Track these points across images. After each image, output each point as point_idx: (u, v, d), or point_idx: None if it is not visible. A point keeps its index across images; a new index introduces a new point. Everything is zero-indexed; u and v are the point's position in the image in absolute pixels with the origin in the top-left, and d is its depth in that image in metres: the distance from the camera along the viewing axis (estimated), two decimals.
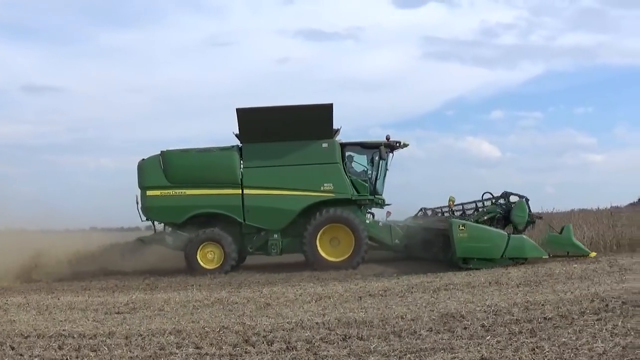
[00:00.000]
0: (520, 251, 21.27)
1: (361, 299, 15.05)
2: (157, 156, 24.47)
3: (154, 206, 24.06)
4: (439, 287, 16.24)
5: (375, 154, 25.03)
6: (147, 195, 24.06)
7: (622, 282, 15.29)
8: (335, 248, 23.99)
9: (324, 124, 24.19)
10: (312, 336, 10.57)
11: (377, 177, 25.19)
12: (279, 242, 24.33)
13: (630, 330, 9.71)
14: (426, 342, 9.85)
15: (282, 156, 24.26)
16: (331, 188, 24.08)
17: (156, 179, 24.07)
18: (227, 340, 10.62)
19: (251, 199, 24.06)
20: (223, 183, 24.11)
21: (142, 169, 24.40)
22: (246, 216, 24.04)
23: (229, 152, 24.57)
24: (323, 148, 24.25)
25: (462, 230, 21.16)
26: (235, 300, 15.58)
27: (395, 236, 25.26)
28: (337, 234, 24.02)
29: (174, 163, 24.29)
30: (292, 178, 24.14)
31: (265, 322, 12.19)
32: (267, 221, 24.18)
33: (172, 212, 24.02)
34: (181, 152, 24.87)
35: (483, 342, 9.58)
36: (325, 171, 24.22)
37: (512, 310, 12.23)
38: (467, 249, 21.11)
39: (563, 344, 9.17)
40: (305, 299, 15.37)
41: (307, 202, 24.11)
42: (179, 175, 24.09)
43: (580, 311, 11.63)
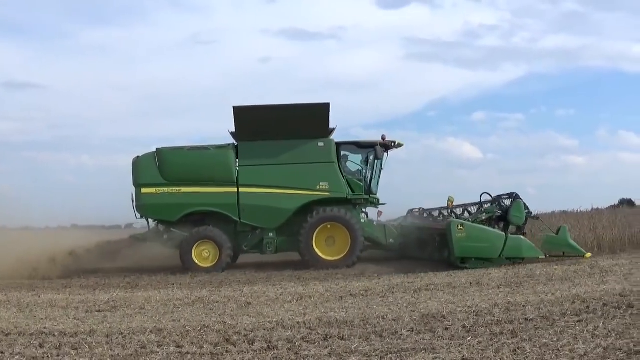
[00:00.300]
0: (517, 251, 21.53)
1: (342, 298, 15.03)
2: (152, 153, 24.36)
3: (149, 204, 23.95)
4: (420, 288, 16.23)
5: (371, 153, 25.22)
6: (142, 192, 23.92)
7: (603, 284, 15.32)
8: (330, 247, 24.02)
9: (321, 123, 24.24)
10: (293, 336, 10.54)
11: (372, 176, 25.35)
12: (274, 241, 24.32)
13: (611, 331, 9.71)
14: (407, 342, 9.83)
15: (278, 155, 24.31)
16: (327, 187, 24.17)
17: (151, 176, 23.96)
18: (208, 339, 10.57)
19: (247, 197, 24.05)
20: (219, 181, 24.08)
21: (137, 167, 24.26)
22: (242, 214, 24.01)
23: (225, 150, 24.55)
24: (319, 147, 24.34)
25: (461, 230, 21.37)
26: (216, 299, 15.52)
27: (390, 236, 25.31)
28: (332, 233, 24.05)
29: (170, 160, 24.19)
30: (288, 177, 24.17)
31: (246, 322, 12.15)
32: (263, 220, 24.20)
33: (167, 209, 23.94)
34: (177, 149, 24.75)
35: (464, 343, 9.57)
36: (321, 170, 24.32)
37: (493, 311, 12.23)
38: (465, 248, 21.30)
39: (544, 345, 9.17)
40: (286, 298, 15.34)
41: (302, 201, 24.15)
42: (174, 173, 23.99)
43: (561, 312, 11.66)
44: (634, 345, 8.79)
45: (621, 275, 16.82)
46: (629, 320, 10.59)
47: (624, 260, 20.21)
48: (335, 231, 24.03)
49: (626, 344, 8.89)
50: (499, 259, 21.25)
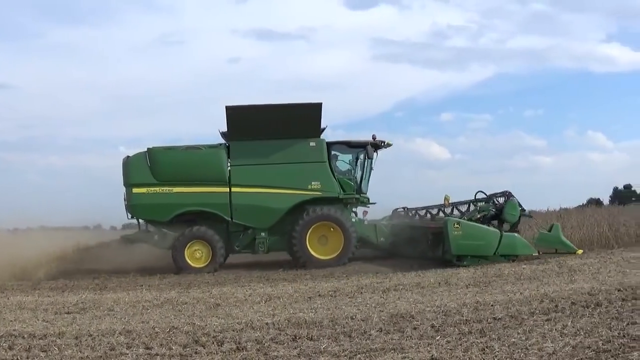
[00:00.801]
0: (512, 248, 21.91)
1: (311, 299, 15.00)
2: (143, 153, 24.18)
3: (140, 204, 23.75)
4: (388, 288, 16.22)
5: (361, 152, 25.46)
6: (132, 192, 23.72)
7: (572, 283, 15.39)
8: (323, 246, 24.16)
9: (313, 123, 24.35)
10: (262, 336, 10.50)
11: (363, 176, 25.59)
12: (266, 241, 24.37)
13: (579, 330, 9.74)
14: (376, 342, 9.82)
15: (270, 154, 24.33)
16: (319, 186, 24.27)
17: (142, 176, 23.79)
18: (177, 340, 10.51)
19: (239, 197, 24.02)
20: (210, 181, 24.00)
21: (128, 166, 24.10)
22: (234, 214, 23.99)
23: (217, 150, 24.51)
24: (311, 147, 24.42)
25: (457, 228, 21.69)
26: (184, 301, 15.44)
27: (381, 234, 25.56)
28: (325, 232, 24.20)
29: (161, 160, 24.06)
30: (280, 176, 24.21)
31: (215, 323, 12.09)
32: (255, 219, 24.20)
33: (159, 209, 23.74)
34: (168, 149, 24.69)
35: (433, 342, 9.58)
36: (312, 170, 24.40)
37: (462, 310, 12.25)
38: (462, 246, 21.63)
39: (513, 344, 9.19)
40: (255, 299, 15.28)
41: (295, 200, 24.22)
42: (166, 173, 23.85)
43: (529, 311, 11.70)
44: (603, 343, 8.82)
45: (589, 274, 16.87)
46: (598, 319, 10.63)
47: (593, 259, 20.26)
48: (328, 230, 24.18)
49: (595, 342, 8.92)
50: (494, 256, 21.62)
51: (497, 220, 23.26)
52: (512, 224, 23.04)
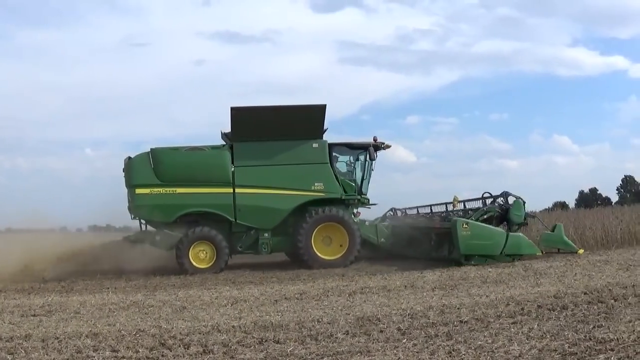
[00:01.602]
0: (517, 248, 22.37)
1: (277, 302, 14.97)
2: (146, 154, 24.17)
3: (144, 204, 23.72)
4: (354, 291, 16.23)
5: (361, 154, 25.77)
6: (136, 193, 23.68)
7: (537, 286, 15.42)
8: (327, 247, 24.37)
9: (316, 124, 24.63)
10: (229, 339, 10.47)
11: (363, 177, 25.78)
12: (270, 241, 24.49)
13: (546, 333, 9.76)
14: (343, 345, 9.81)
15: (273, 155, 24.47)
16: (321, 187, 24.51)
17: (146, 177, 23.74)
18: (143, 343, 10.46)
19: (243, 198, 24.11)
20: (215, 182, 24.08)
21: (131, 167, 24.01)
22: (237, 215, 24.07)
23: (221, 151, 24.60)
24: (313, 148, 24.64)
25: (466, 228, 22.07)
26: (151, 304, 15.38)
27: (381, 235, 25.84)
28: (329, 232, 24.41)
29: (165, 161, 24.03)
30: (283, 177, 24.37)
31: (181, 326, 12.07)
32: (259, 220, 24.31)
33: (163, 210, 23.69)
34: (172, 150, 24.66)
35: (399, 346, 9.57)
36: (315, 171, 24.61)
37: (428, 313, 12.25)
38: (470, 246, 22.00)
39: (479, 347, 9.20)
40: (221, 302, 15.25)
41: (298, 201, 24.41)
42: (169, 174, 23.85)
43: (495, 314, 11.73)
44: (569, 346, 8.83)
45: (555, 278, 16.91)
46: (563, 322, 10.67)
47: (558, 262, 20.38)
48: (332, 231, 24.40)
49: (561, 345, 8.94)
50: (500, 255, 22.05)
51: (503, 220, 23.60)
52: (518, 224, 23.36)
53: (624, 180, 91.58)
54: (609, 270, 17.82)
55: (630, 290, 13.71)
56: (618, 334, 9.27)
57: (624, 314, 11.04)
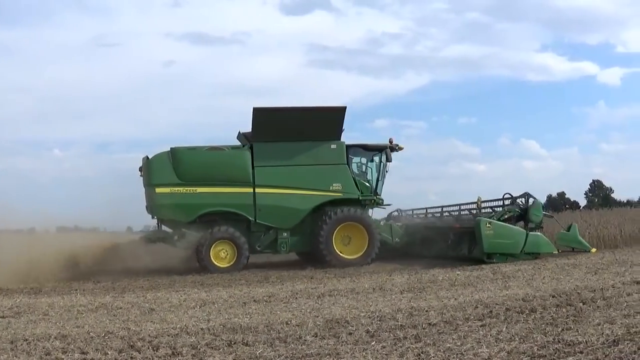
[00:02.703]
0: (536, 247, 23.52)
1: (246, 304, 14.93)
2: (165, 153, 24.25)
3: (164, 204, 23.86)
4: (323, 293, 16.23)
5: (376, 155, 26.53)
6: (156, 192, 23.82)
7: (506, 289, 15.50)
8: (346, 246, 24.91)
9: (335, 126, 25.10)
10: (198, 342, 10.41)
11: (378, 178, 26.45)
12: (288, 241, 24.88)
13: (514, 335, 9.78)
14: (311, 347, 9.78)
15: (292, 156, 24.85)
16: (340, 188, 24.95)
17: (166, 176, 23.85)
18: (112, 345, 10.39)
19: (263, 198, 24.41)
20: (235, 181, 24.30)
21: (150, 166, 24.16)
22: (257, 215, 24.36)
23: (242, 151, 24.89)
24: (332, 149, 25.09)
25: (489, 227, 22.97)
26: (119, 305, 15.28)
27: (396, 235, 26.50)
28: (348, 232, 24.94)
29: (186, 160, 24.20)
30: (302, 178, 24.77)
31: (150, 328, 12.00)
32: (278, 220, 24.67)
33: (183, 209, 23.84)
34: (192, 149, 24.86)
35: (368, 348, 9.54)
36: (333, 172, 25.07)
37: (397, 316, 12.24)
38: (493, 244, 22.89)
39: (448, 349, 9.19)
40: (190, 304, 15.18)
41: (317, 201, 24.84)
42: (190, 173, 24.02)
43: (464, 317, 11.74)
44: (538, 349, 8.86)
45: (524, 281, 17.01)
46: (532, 325, 10.69)
47: (526, 265, 20.49)
48: (351, 231, 24.95)
49: (530, 347, 8.96)
50: (520, 254, 23.06)
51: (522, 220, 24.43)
52: (537, 223, 24.27)
53: (592, 185, 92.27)
54: (577, 274, 17.94)
55: (598, 293, 13.80)
56: (587, 337, 9.30)
57: (592, 317, 11.09)
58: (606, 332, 9.57)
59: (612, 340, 9.08)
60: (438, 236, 26.03)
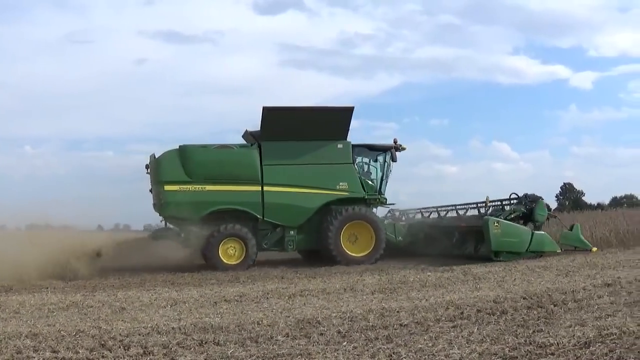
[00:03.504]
0: (541, 245, 24.38)
1: (217, 304, 14.90)
2: (174, 151, 24.56)
3: (173, 201, 23.96)
4: (294, 293, 16.21)
5: (380, 155, 27.08)
6: (165, 190, 24.01)
7: (477, 290, 15.52)
8: (353, 244, 25.26)
9: (342, 126, 25.59)
10: (169, 341, 10.38)
11: (383, 178, 27.00)
12: (295, 239, 25.26)
13: (486, 337, 9.79)
14: (283, 347, 9.75)
15: (300, 155, 25.24)
16: (346, 187, 25.44)
17: (175, 173, 24.06)
18: (83, 344, 10.32)
19: (271, 196, 24.75)
20: (244, 180, 24.59)
21: (159, 164, 24.40)
22: (265, 213, 24.71)
23: (250, 150, 25.26)
24: (338, 149, 25.53)
25: (497, 226, 23.72)
26: (90, 304, 15.21)
27: (399, 233, 27.28)
28: (355, 230, 25.34)
29: (195, 158, 24.45)
30: (310, 177, 25.18)
31: (121, 327, 11.93)
32: (286, 218, 25.08)
33: (192, 207, 23.83)
34: (201, 147, 25.23)
35: (340, 348, 9.54)
36: (340, 171, 25.52)
37: (368, 316, 12.23)
38: (501, 243, 23.65)
39: (419, 350, 9.18)
40: (161, 303, 15.14)
41: (324, 200, 25.27)
42: (199, 171, 24.22)
43: (435, 318, 11.74)
44: (509, 350, 8.86)
45: (494, 282, 17.05)
46: (503, 326, 10.71)
47: (497, 267, 20.55)
48: (357, 229, 25.36)
49: (501, 349, 8.96)
50: (526, 252, 23.91)
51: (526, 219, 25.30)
52: (541, 223, 25.15)
53: (563, 188, 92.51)
54: (548, 276, 17.98)
55: (569, 295, 13.85)
56: (558, 339, 9.30)
57: (563, 319, 11.11)
58: (577, 334, 9.58)
59: (583, 342, 9.09)
60: (442, 235, 26.88)
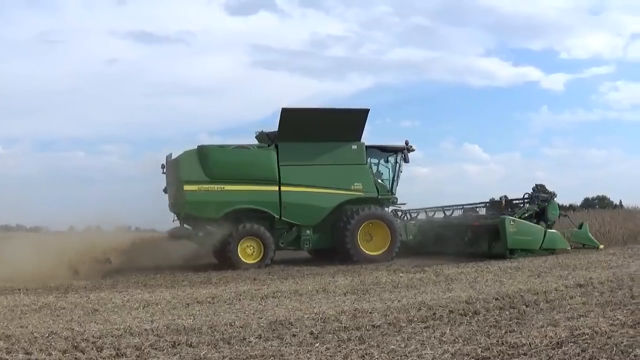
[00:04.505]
0: (553, 243, 25.49)
1: (189, 305, 14.86)
2: (193, 151, 24.73)
3: (193, 201, 24.13)
4: (266, 295, 16.19)
5: (391, 156, 27.72)
6: (184, 189, 24.12)
7: (449, 291, 15.55)
8: (368, 243, 25.78)
9: (357, 128, 26.09)
10: (142, 343, 10.34)
11: (394, 178, 27.61)
12: (311, 238, 25.59)
13: (458, 337, 9.83)
14: (256, 349, 9.75)
15: (316, 156, 25.62)
16: (360, 187, 25.89)
17: (195, 173, 24.21)
18: (56, 346, 10.29)
19: (288, 196, 25.07)
20: (262, 179, 24.87)
21: (180, 164, 24.65)
22: (283, 212, 25.03)
23: (268, 150, 25.48)
24: (353, 150, 25.96)
25: (512, 225, 24.80)
26: (62, 306, 15.14)
27: (410, 233, 27.44)
28: (370, 229, 25.90)
29: (214, 158, 24.69)
30: (326, 177, 25.58)
31: (94, 328, 11.89)
32: (302, 217, 25.42)
33: (211, 206, 24.13)
34: (220, 147, 25.56)
35: (312, 349, 9.56)
36: (354, 171, 26.03)
37: (340, 317, 12.24)
38: (516, 241, 24.75)
39: (392, 350, 9.22)
40: (133, 305, 15.05)
41: (339, 199, 25.70)
42: (218, 171, 24.47)
43: (408, 319, 11.76)
44: (482, 350, 8.92)
45: (466, 283, 17.10)
46: (475, 327, 10.77)
47: (469, 269, 20.58)
48: (373, 228, 25.94)
49: (473, 349, 9.01)
50: (539, 250, 25.04)
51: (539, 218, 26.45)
52: (552, 222, 26.53)
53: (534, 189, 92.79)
54: (520, 277, 18.07)
55: (541, 296, 13.92)
56: (530, 339, 9.37)
57: (535, 320, 11.18)
58: (550, 335, 9.65)
59: (555, 343, 9.17)
60: (453, 234, 27.26)
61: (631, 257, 22.84)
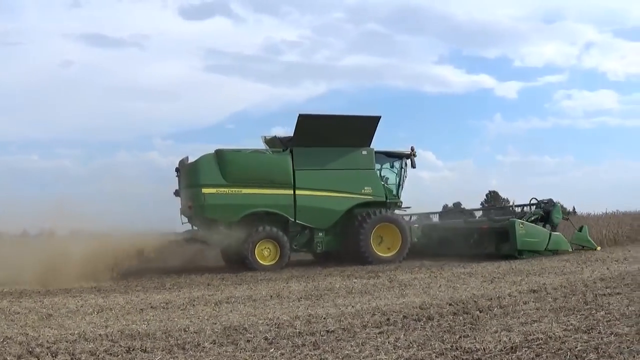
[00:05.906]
0: (557, 245, 27.04)
1: (143, 311, 14.77)
2: (211, 155, 25.01)
3: (211, 204, 24.34)
4: (220, 300, 16.15)
5: (396, 161, 28.61)
6: (203, 192, 24.32)
7: (403, 297, 15.59)
8: (378, 245, 26.39)
9: (368, 133, 26.63)
10: (96, 348, 10.28)
11: (399, 183, 28.47)
12: (323, 240, 26.16)
13: (412, 343, 9.86)
14: (210, 354, 9.74)
15: (329, 161, 26.14)
16: (370, 191, 26.51)
17: (213, 177, 24.51)
18: (11, 351, 10.21)
19: (303, 199, 25.51)
20: (278, 183, 25.27)
21: (198, 167, 24.88)
22: (297, 215, 25.48)
23: (284, 155, 25.79)
24: (363, 155, 26.57)
25: (521, 227, 26.09)
26: (16, 310, 15.02)
27: (415, 235, 27.92)
28: (381, 232, 26.48)
29: (232, 162, 24.97)
30: (338, 181, 26.12)
31: (48, 333, 11.79)
32: (316, 220, 25.92)
33: (229, 210, 24.50)
34: (237, 151, 25.83)
35: (267, 355, 9.55)
36: (365, 176, 26.64)
37: (295, 323, 12.24)
38: (524, 243, 26.09)
39: (346, 356, 9.24)
40: (87, 310, 14.96)
41: (351, 203, 26.29)
42: (236, 174, 24.76)
43: (362, 324, 11.77)
44: (436, 355, 8.95)
45: (420, 289, 17.14)
46: (430, 332, 10.79)
47: (423, 274, 20.69)
48: (384, 231, 26.54)
49: (428, 354, 9.04)
50: (544, 251, 26.48)
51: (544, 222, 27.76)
52: (556, 225, 27.77)
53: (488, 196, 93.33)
54: (473, 283, 18.17)
55: (495, 301, 13.97)
56: (484, 344, 9.43)
57: (489, 325, 11.24)
58: (504, 340, 9.71)
59: (509, 347, 9.23)
60: (458, 236, 28.80)
61: (585, 262, 23.15)
